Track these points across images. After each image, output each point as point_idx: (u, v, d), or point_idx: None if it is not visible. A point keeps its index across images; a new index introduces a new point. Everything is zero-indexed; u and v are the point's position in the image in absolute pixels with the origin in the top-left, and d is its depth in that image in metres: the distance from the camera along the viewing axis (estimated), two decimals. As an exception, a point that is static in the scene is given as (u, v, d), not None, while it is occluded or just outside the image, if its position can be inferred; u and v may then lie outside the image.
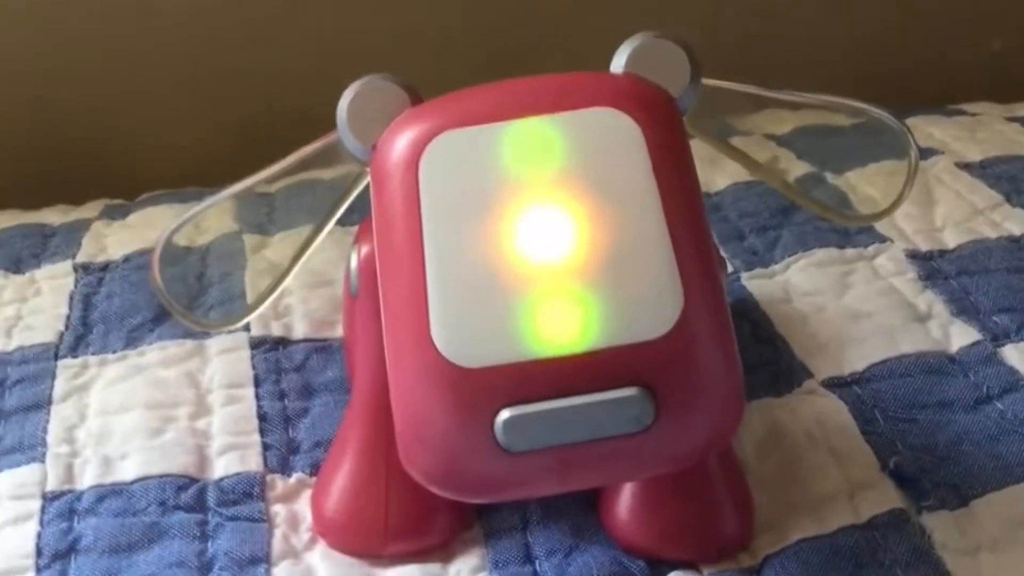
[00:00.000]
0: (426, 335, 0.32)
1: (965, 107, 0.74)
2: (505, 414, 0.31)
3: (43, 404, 0.47)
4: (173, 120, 0.75)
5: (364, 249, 0.41)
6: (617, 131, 0.33)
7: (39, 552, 0.39)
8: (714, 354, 0.32)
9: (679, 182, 0.33)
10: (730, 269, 0.54)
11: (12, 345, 0.51)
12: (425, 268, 0.32)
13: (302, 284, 0.54)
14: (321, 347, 0.50)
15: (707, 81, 0.35)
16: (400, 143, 0.33)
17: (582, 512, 0.40)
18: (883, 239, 0.55)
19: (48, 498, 0.41)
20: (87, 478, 0.42)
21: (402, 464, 0.33)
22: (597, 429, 0.32)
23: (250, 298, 0.52)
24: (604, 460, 0.32)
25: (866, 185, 0.61)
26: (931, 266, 0.53)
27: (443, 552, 0.39)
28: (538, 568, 0.38)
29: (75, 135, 0.74)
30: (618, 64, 0.34)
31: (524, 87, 0.34)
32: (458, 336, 0.31)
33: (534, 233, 0.32)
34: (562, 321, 0.31)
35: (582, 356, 0.31)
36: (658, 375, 0.32)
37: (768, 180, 0.40)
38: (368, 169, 0.34)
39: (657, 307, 0.32)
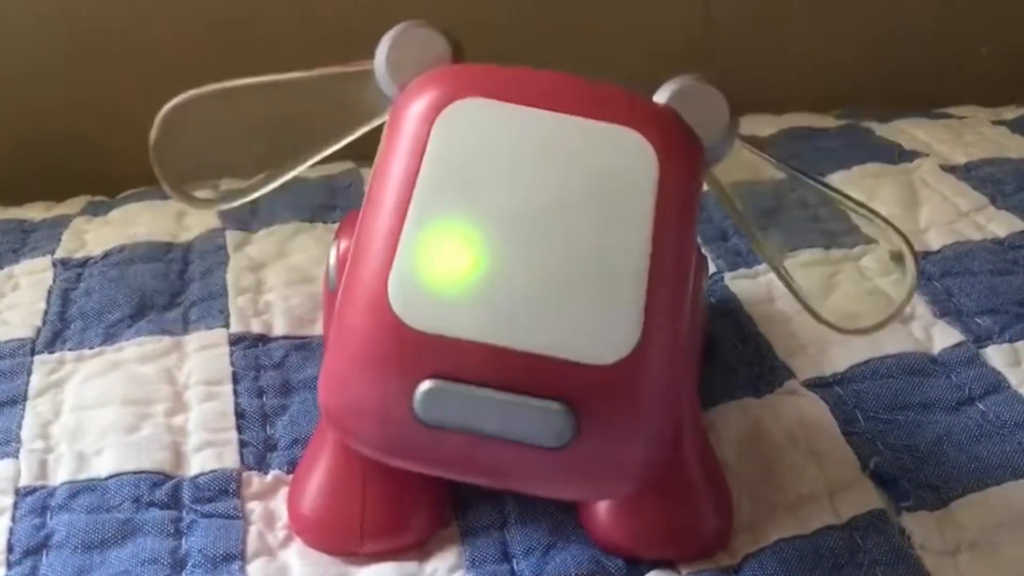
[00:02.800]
0: (383, 285, 0.32)
1: (951, 110, 0.74)
2: (427, 384, 0.31)
3: (18, 399, 0.46)
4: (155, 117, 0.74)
5: (343, 244, 0.41)
6: (635, 155, 0.32)
7: (10, 548, 0.39)
8: (652, 397, 0.32)
9: (676, 225, 0.33)
10: (713, 269, 0.54)
11: (-11, 340, 0.51)
12: (404, 222, 0.32)
13: (283, 282, 0.54)
14: (301, 344, 0.49)
15: (741, 140, 0.35)
16: (425, 95, 0.33)
17: (561, 511, 0.39)
18: (868, 240, 0.55)
19: (21, 493, 0.41)
20: (61, 474, 0.42)
21: (320, 406, 0.34)
22: (511, 430, 0.32)
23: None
24: (513, 465, 0.33)
25: (850, 188, 0.61)
26: (915, 267, 0.53)
27: (420, 550, 0.39)
28: (515, 566, 0.38)
29: (58, 132, 0.74)
30: (662, 96, 0.34)
31: (563, 82, 0.33)
32: (411, 294, 0.32)
33: (517, 224, 0.32)
34: (516, 315, 0.31)
35: (522, 355, 0.31)
36: (589, 399, 0.31)
37: (767, 262, 0.39)
38: (390, 109, 0.34)
39: (611, 335, 0.32)
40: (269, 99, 0.38)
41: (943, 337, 0.48)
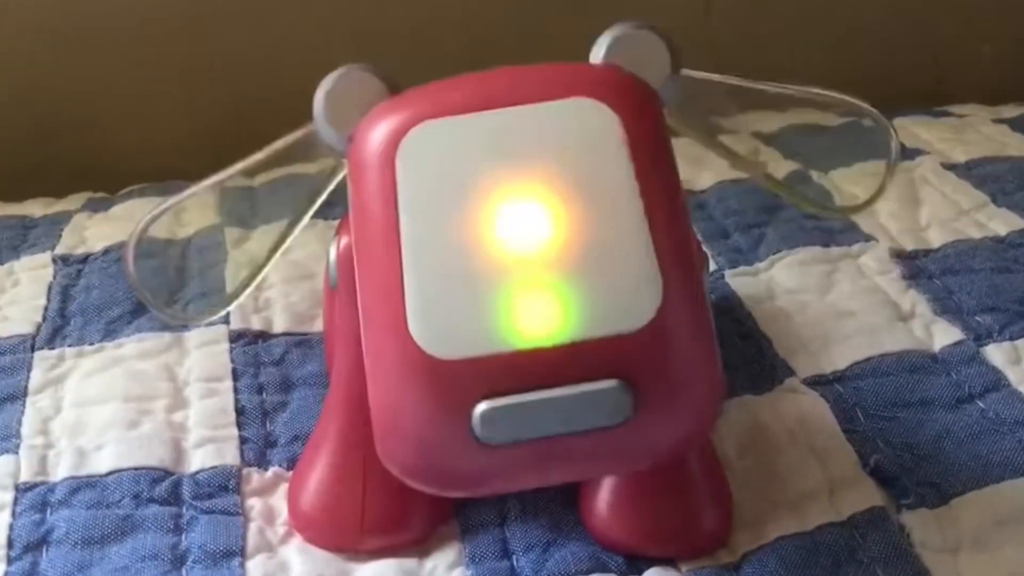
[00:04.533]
0: (403, 326, 0.31)
1: (952, 108, 0.74)
2: (482, 406, 0.31)
3: (19, 395, 0.46)
4: (156, 114, 0.74)
5: (343, 241, 0.41)
6: (596, 122, 0.32)
7: (11, 543, 0.39)
8: (692, 348, 0.32)
9: (658, 174, 0.32)
10: (713, 267, 0.54)
11: (-11, 336, 0.51)
12: (402, 259, 0.32)
13: (283, 278, 0.54)
14: (301, 341, 0.50)
15: (688, 72, 0.34)
16: (377, 133, 0.33)
17: (560, 507, 0.39)
18: (868, 238, 0.55)
19: (21, 489, 0.41)
20: (61, 470, 0.42)
21: (379, 457, 0.33)
22: (575, 422, 0.31)
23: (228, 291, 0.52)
24: (582, 453, 0.32)
25: (851, 184, 0.61)
26: (915, 265, 0.53)
27: (420, 547, 0.39)
28: (515, 563, 0.38)
29: (59, 129, 0.74)
30: (597, 55, 0.34)
31: (503, 77, 0.33)
32: (435, 327, 0.31)
33: (511, 225, 0.32)
34: (539, 313, 0.31)
35: (560, 348, 0.31)
36: (636, 368, 0.31)
37: (749, 172, 0.40)
38: (345, 160, 0.34)
39: (635, 299, 0.31)
40: (226, 197, 0.38)
41: (943, 335, 0.48)
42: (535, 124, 0.32)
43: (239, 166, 0.37)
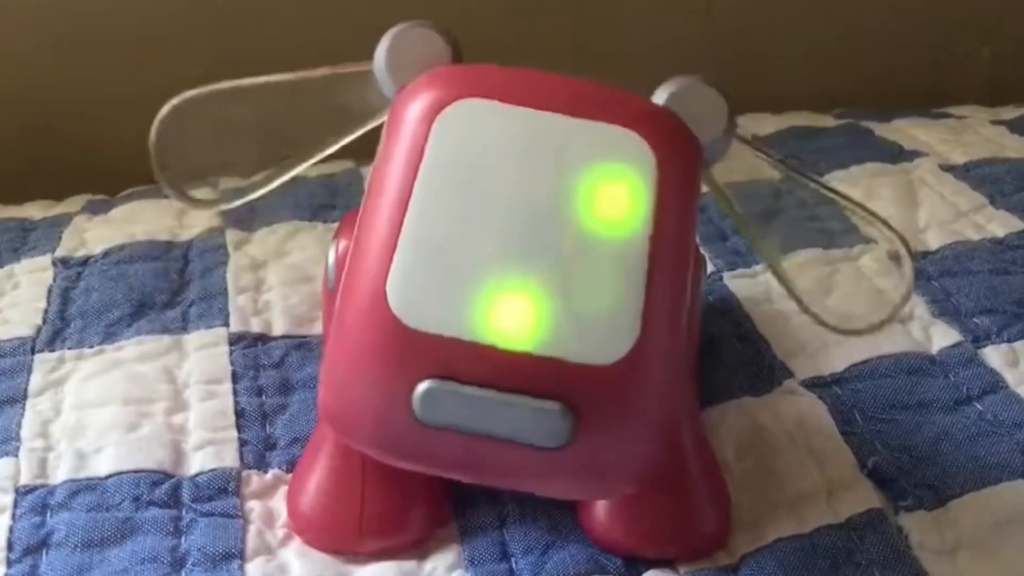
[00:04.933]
0: (381, 285, 0.32)
1: (951, 110, 0.74)
2: (426, 384, 0.31)
3: (18, 398, 0.46)
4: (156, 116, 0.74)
5: (342, 244, 0.41)
6: (633, 156, 0.32)
7: (10, 546, 0.39)
8: (649, 398, 0.33)
9: (675, 225, 0.33)
10: (712, 269, 0.54)
11: (-11, 339, 0.51)
12: (403, 222, 0.32)
13: (282, 281, 0.54)
14: (300, 343, 0.50)
15: (739, 139, 0.35)
16: (424, 96, 0.33)
17: (559, 510, 0.40)
18: (867, 240, 0.55)
19: (21, 492, 0.41)
20: (61, 472, 0.42)
21: (319, 405, 0.34)
22: (510, 430, 0.32)
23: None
24: (514, 466, 0.33)
25: (849, 187, 0.61)
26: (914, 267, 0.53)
27: (418, 549, 0.39)
28: (514, 565, 0.38)
29: (58, 130, 0.74)
30: (660, 97, 0.34)
31: (560, 83, 0.34)
32: (410, 294, 0.32)
33: (517, 224, 0.32)
34: (514, 315, 0.31)
35: (520, 356, 0.31)
36: (587, 400, 0.32)
37: (765, 261, 0.40)
38: (388, 110, 0.34)
39: (610, 335, 0.32)
40: (268, 99, 0.38)
41: (941, 337, 0.48)
42: (573, 137, 0.33)
43: (287, 76, 0.37)
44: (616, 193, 0.32)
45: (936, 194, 0.60)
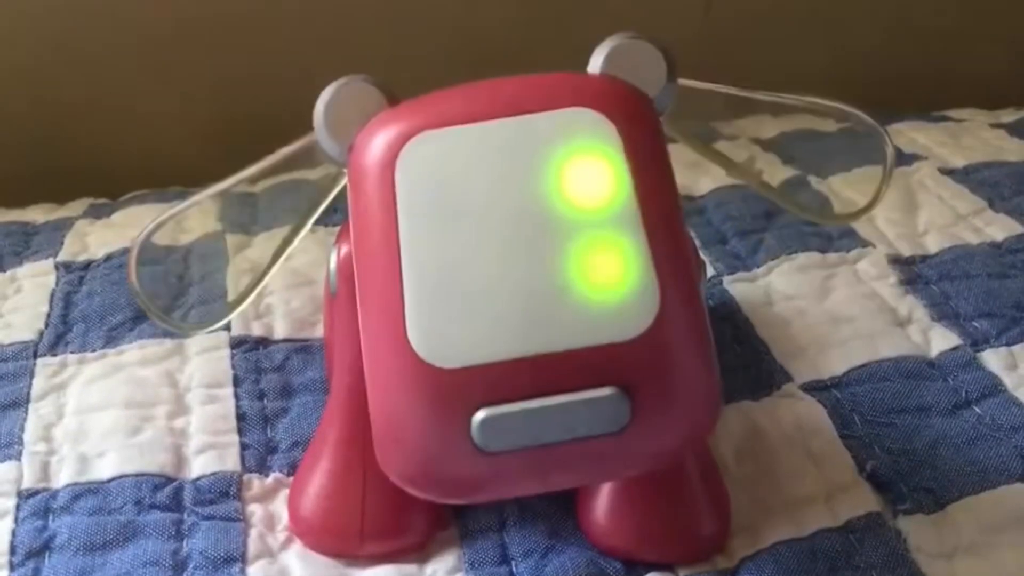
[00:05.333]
0: (402, 336, 0.32)
1: (950, 113, 0.74)
2: (481, 414, 0.31)
3: (21, 402, 0.46)
4: (158, 120, 0.74)
5: (344, 249, 0.41)
6: (593, 131, 0.33)
7: (13, 550, 0.39)
8: (690, 355, 0.32)
9: (655, 182, 0.33)
10: (711, 272, 0.54)
11: (-8, 343, 0.51)
12: (401, 268, 0.32)
13: (284, 284, 0.54)
14: (302, 347, 0.50)
15: (683, 82, 0.35)
16: (376, 143, 0.33)
17: (559, 513, 0.40)
18: (865, 244, 0.55)
19: (23, 496, 0.41)
20: (63, 476, 0.42)
21: (379, 465, 0.33)
22: (573, 429, 0.31)
23: (230, 299, 0.52)
24: (581, 460, 0.32)
25: (849, 190, 0.61)
26: (912, 271, 0.53)
27: (419, 552, 0.39)
28: (514, 569, 0.38)
29: (60, 135, 0.74)
30: (595, 65, 0.34)
31: (500, 88, 0.34)
32: (434, 336, 0.31)
33: (509, 233, 0.32)
34: (537, 321, 0.31)
35: (558, 356, 0.31)
36: (633, 376, 0.31)
37: (746, 180, 0.40)
38: (345, 170, 0.34)
39: (633, 308, 0.32)
40: (226, 204, 0.38)
41: (940, 340, 0.48)
42: (533, 133, 0.33)
43: (242, 174, 0.37)
44: (591, 171, 0.32)
45: (935, 197, 0.60)
